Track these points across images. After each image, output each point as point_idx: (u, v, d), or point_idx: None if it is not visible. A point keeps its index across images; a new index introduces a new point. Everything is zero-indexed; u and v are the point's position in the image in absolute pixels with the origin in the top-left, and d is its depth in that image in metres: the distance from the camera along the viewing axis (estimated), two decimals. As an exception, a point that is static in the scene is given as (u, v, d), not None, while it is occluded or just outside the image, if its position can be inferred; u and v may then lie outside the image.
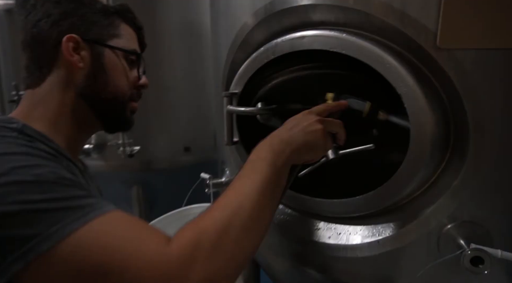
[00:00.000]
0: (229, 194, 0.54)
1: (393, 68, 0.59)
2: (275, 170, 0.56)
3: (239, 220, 0.50)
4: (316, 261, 0.77)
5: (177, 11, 1.54)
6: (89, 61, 0.65)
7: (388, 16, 0.59)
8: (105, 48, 0.67)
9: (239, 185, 0.55)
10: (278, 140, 0.61)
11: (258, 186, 0.53)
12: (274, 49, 0.74)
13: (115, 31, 0.69)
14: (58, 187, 0.46)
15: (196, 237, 0.47)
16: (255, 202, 0.52)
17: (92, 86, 0.65)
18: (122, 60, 0.69)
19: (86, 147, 1.47)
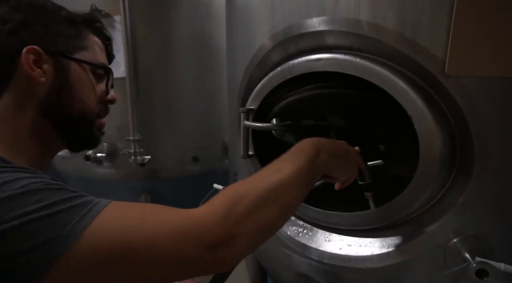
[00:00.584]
0: (270, 170, 0.56)
1: (404, 91, 0.64)
2: (313, 166, 0.59)
3: (275, 195, 0.52)
4: (326, 271, 0.81)
5: (188, 24, 1.60)
6: (52, 76, 0.59)
7: (400, 44, 0.63)
8: (71, 61, 0.61)
9: (280, 165, 0.56)
10: (323, 144, 0.64)
11: (296, 173, 0.55)
12: (291, 69, 0.79)
13: (82, 42, 0.64)
14: (50, 192, 0.44)
15: (232, 198, 0.48)
16: (292, 186, 0.54)
17: (55, 103, 0.60)
18: (89, 74, 0.64)
19: (98, 155, 1.51)
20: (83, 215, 0.43)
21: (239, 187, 0.52)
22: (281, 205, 0.53)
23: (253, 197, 0.50)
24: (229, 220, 0.47)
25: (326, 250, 0.79)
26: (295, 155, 0.60)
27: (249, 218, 0.48)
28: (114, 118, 1.55)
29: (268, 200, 0.51)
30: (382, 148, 0.87)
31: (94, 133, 0.67)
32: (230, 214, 0.47)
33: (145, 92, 1.53)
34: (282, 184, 0.53)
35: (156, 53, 1.54)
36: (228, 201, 0.48)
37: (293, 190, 0.55)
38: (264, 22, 0.84)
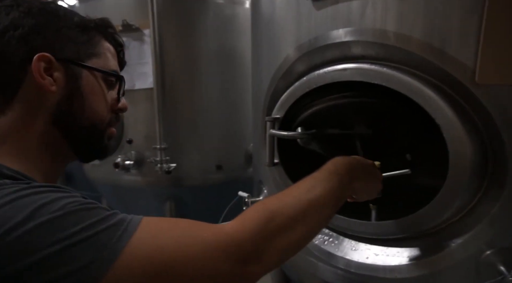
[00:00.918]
0: (301, 189, 0.57)
1: (432, 100, 0.64)
2: (343, 190, 0.62)
3: (304, 216, 0.54)
4: (353, 280, 0.80)
5: (213, 36, 1.64)
6: (63, 84, 0.57)
7: (427, 54, 0.64)
8: (83, 69, 0.59)
9: (312, 185, 0.58)
10: (355, 167, 0.67)
11: (327, 195, 0.58)
12: (316, 79, 0.80)
13: (94, 49, 0.61)
14: (87, 212, 0.44)
15: (264, 216, 0.50)
16: (321, 208, 0.57)
17: (66, 112, 0.57)
18: (101, 82, 0.62)
19: (127, 163, 1.57)
20: (120, 235, 0.43)
21: (271, 205, 0.53)
22: (310, 225, 0.55)
23: (284, 216, 0.52)
24: (261, 237, 0.49)
25: (353, 259, 0.79)
26: (328, 175, 0.62)
27: (279, 236, 0.51)
28: (142, 128, 1.61)
29: (298, 221, 0.53)
30: (409, 157, 0.87)
31: (104, 143, 0.64)
32: (262, 231, 0.49)
33: (171, 102, 1.58)
34: (313, 206, 0.56)
35: (183, 65, 1.59)
36: (260, 218, 0.50)
37: (322, 212, 0.57)
38: (289, 34, 0.86)
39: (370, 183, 0.71)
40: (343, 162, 0.66)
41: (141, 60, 1.54)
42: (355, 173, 0.66)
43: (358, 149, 0.88)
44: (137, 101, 1.60)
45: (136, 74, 1.56)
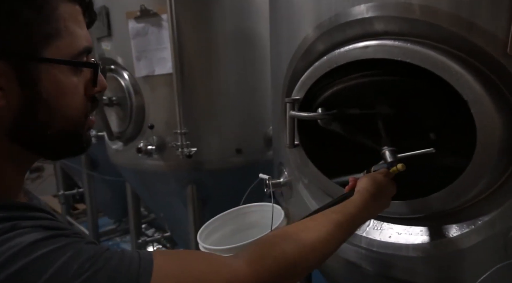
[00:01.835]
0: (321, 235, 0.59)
1: (459, 75, 0.62)
2: (353, 227, 0.68)
3: (322, 259, 0.60)
4: (375, 258, 0.80)
5: (231, 18, 1.63)
6: (16, 93, 0.42)
7: (455, 26, 0.61)
8: (40, 64, 0.42)
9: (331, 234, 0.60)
10: (370, 211, 0.70)
11: (341, 243, 0.64)
12: (337, 58, 0.79)
13: (51, 25, 0.43)
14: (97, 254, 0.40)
15: (283, 266, 0.52)
16: (333, 247, 0.62)
17: (28, 127, 0.45)
18: (69, 75, 0.46)
19: (149, 148, 1.61)
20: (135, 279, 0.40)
21: (289, 250, 0.55)
22: (322, 262, 0.61)
23: (301, 268, 0.56)
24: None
25: (375, 238, 0.79)
26: (351, 226, 0.66)
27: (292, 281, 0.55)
28: (162, 113, 1.64)
29: (314, 266, 0.59)
30: (433, 136, 0.85)
31: (83, 141, 0.51)
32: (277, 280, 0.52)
33: (190, 87, 1.59)
34: (327, 254, 0.60)
35: (201, 49, 1.59)
36: (278, 268, 0.52)
37: (327, 258, 0.62)
38: (309, 12, 0.84)
39: (383, 208, 0.74)
40: (359, 204, 0.68)
41: (159, 46, 1.55)
42: (370, 211, 0.70)
43: (380, 128, 0.87)
44: (157, 87, 1.62)
45: (155, 60, 1.57)
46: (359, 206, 0.67)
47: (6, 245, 0.36)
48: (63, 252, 0.38)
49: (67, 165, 2.87)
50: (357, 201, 0.68)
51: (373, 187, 0.71)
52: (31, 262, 0.36)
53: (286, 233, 0.59)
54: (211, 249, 1.03)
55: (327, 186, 0.90)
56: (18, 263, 0.36)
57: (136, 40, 1.57)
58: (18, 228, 0.38)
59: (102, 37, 1.71)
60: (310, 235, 0.58)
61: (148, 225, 3.27)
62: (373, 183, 0.72)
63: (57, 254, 0.37)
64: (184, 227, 1.87)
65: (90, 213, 2.71)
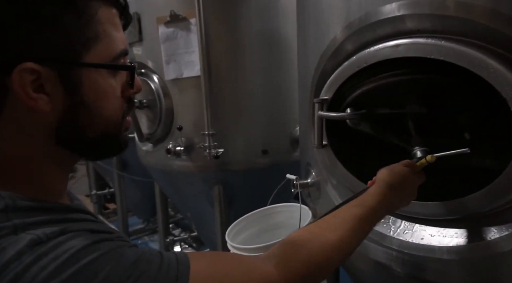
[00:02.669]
0: (344, 233, 0.59)
1: (498, 72, 0.60)
2: (375, 219, 0.66)
3: (342, 258, 0.60)
4: (407, 260, 0.79)
5: (257, 20, 1.64)
6: (61, 98, 0.44)
7: (493, 21, 0.60)
8: (82, 68, 0.44)
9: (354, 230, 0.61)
10: (390, 202, 0.68)
11: (363, 237, 0.64)
12: (366, 58, 0.78)
13: (90, 29, 0.44)
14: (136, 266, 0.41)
15: (311, 269, 0.54)
16: (353, 249, 0.62)
17: (71, 129, 0.46)
18: (108, 78, 0.47)
19: (177, 149, 1.65)
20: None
21: (315, 251, 0.56)
22: (346, 259, 0.61)
23: (329, 268, 0.57)
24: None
25: (407, 240, 0.78)
26: (372, 219, 0.65)
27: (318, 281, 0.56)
28: (190, 115, 1.68)
29: (339, 263, 0.61)
30: (467, 136, 0.82)
31: (121, 141, 0.53)
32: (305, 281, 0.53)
33: (217, 89, 1.62)
34: (350, 251, 0.61)
35: (228, 51, 1.62)
36: (306, 270, 0.54)
37: (355, 246, 0.62)
38: (338, 12, 0.84)
39: (405, 203, 0.72)
40: (377, 196, 0.67)
41: (188, 49, 1.59)
42: (390, 202, 0.68)
43: (411, 128, 0.85)
44: (185, 89, 1.67)
45: (183, 63, 1.62)
46: (377, 197, 0.66)
47: (60, 249, 0.38)
48: (109, 257, 0.40)
49: (99, 166, 2.99)
50: (374, 193, 0.67)
51: (390, 176, 0.69)
52: (82, 268, 0.37)
53: (311, 233, 0.60)
54: (239, 248, 1.05)
55: (356, 186, 0.89)
56: (71, 268, 0.37)
57: (165, 44, 1.62)
58: (67, 231, 0.40)
59: (134, 42, 1.78)
60: (335, 234, 0.59)
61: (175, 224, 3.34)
62: (390, 172, 0.70)
63: (105, 260, 0.39)
64: (211, 227, 1.90)
65: (120, 213, 2.81)
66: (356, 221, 0.61)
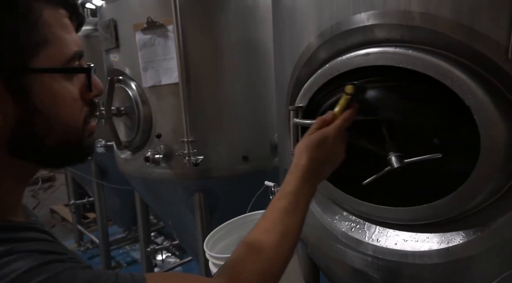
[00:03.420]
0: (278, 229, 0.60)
1: (461, 81, 0.62)
2: (308, 207, 0.66)
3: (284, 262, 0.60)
4: (382, 266, 0.80)
5: (235, 28, 1.65)
6: (10, 107, 0.41)
7: (456, 33, 0.61)
8: (32, 76, 0.42)
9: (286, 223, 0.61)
10: (315, 178, 0.68)
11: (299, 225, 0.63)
12: (339, 66, 0.80)
13: (39, 32, 0.42)
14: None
15: (258, 280, 0.55)
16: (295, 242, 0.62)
17: (26, 138, 0.44)
18: (62, 82, 0.45)
19: (156, 157, 1.63)
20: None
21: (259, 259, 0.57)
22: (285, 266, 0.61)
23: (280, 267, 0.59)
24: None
25: (381, 245, 0.79)
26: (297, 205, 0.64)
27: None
28: (169, 122, 1.66)
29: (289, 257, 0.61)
30: (437, 141, 0.84)
31: (84, 147, 0.50)
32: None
33: (197, 96, 1.61)
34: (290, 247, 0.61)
35: (206, 59, 1.62)
36: (255, 279, 0.55)
37: (295, 247, 0.63)
38: (311, 21, 0.85)
39: (328, 165, 0.72)
40: (302, 178, 0.66)
41: (166, 56, 1.58)
42: (317, 175, 0.68)
43: (385, 134, 0.87)
44: (164, 96, 1.65)
45: (161, 70, 1.60)
46: (295, 182, 0.65)
47: (4, 270, 0.36)
48: (59, 280, 0.38)
49: (77, 175, 2.91)
50: (291, 177, 0.66)
51: (308, 151, 0.67)
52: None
53: (251, 242, 0.60)
54: (217, 257, 1.04)
55: (332, 193, 0.90)
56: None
57: (143, 51, 1.60)
58: (14, 252, 0.38)
59: (110, 48, 1.75)
60: (270, 236, 0.59)
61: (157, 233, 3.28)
62: (306, 147, 0.68)
63: (53, 282, 0.38)
64: (193, 235, 1.88)
65: (100, 222, 2.74)
66: (284, 214, 0.61)
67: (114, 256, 2.99)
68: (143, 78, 1.63)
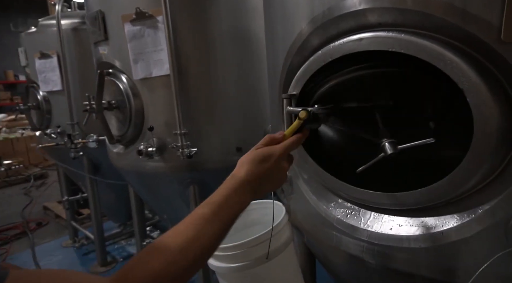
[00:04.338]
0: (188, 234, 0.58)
1: (454, 63, 0.62)
2: (234, 219, 0.65)
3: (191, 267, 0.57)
4: (377, 251, 0.80)
5: (227, 18, 1.63)
6: None
7: (448, 15, 0.61)
8: None
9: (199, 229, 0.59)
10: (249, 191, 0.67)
11: (216, 235, 0.61)
12: (331, 52, 0.79)
13: None
14: None
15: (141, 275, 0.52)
16: (208, 250, 0.61)
17: None
18: None
19: (149, 150, 1.61)
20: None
21: (154, 260, 0.54)
22: (195, 272, 0.59)
23: (177, 273, 0.55)
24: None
25: (376, 231, 0.79)
26: (218, 213, 0.62)
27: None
28: (161, 114, 1.64)
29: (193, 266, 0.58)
30: (432, 125, 0.84)
31: None
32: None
33: (189, 87, 1.60)
34: (201, 254, 0.58)
35: (198, 49, 1.60)
36: (143, 280, 0.52)
37: (209, 255, 0.61)
38: (303, 7, 0.84)
39: (269, 182, 0.70)
40: (232, 189, 0.65)
41: (156, 48, 1.55)
42: (250, 188, 0.67)
43: (379, 121, 0.86)
44: (155, 89, 1.63)
45: (152, 62, 1.58)
46: (224, 192, 0.65)
47: None
48: None
49: (70, 171, 2.88)
50: (224, 188, 0.66)
51: (249, 164, 0.68)
52: None
53: (154, 244, 0.59)
54: (213, 248, 1.03)
55: (327, 180, 0.90)
56: None
57: (132, 43, 1.58)
58: None
59: (99, 41, 1.72)
60: (177, 239, 0.57)
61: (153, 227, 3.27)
62: (248, 160, 0.69)
63: None
64: (188, 228, 1.87)
65: (94, 218, 2.72)
66: (200, 220, 0.60)
67: (110, 251, 2.98)
68: (133, 70, 1.61)
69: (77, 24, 2.41)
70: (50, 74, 2.45)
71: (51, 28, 2.42)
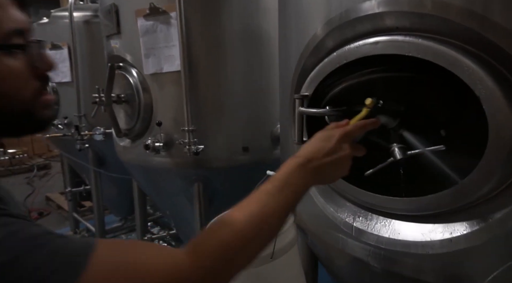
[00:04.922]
0: (253, 208, 0.58)
1: (471, 70, 0.62)
2: (298, 199, 0.63)
3: (259, 241, 0.57)
4: (383, 256, 0.80)
5: (239, 16, 1.63)
6: None
7: (468, 21, 0.61)
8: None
9: (266, 205, 0.59)
10: (310, 170, 0.65)
11: (282, 213, 0.60)
12: (346, 55, 0.79)
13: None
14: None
15: (220, 253, 0.52)
16: (275, 228, 0.59)
17: None
18: (3, 59, 0.48)
19: (156, 145, 1.62)
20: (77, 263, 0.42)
21: (224, 233, 0.54)
22: (262, 245, 0.58)
23: (246, 246, 0.55)
24: (215, 275, 0.52)
25: (384, 235, 0.79)
26: (282, 189, 0.61)
27: (232, 269, 0.54)
28: (170, 110, 1.65)
29: (252, 248, 0.56)
30: (443, 133, 0.84)
31: (38, 119, 0.55)
32: (217, 270, 0.52)
33: (198, 84, 1.60)
34: (266, 228, 0.58)
35: (209, 46, 1.60)
36: (216, 255, 0.52)
37: (275, 228, 0.60)
38: (319, 9, 0.84)
39: (332, 169, 0.68)
40: (295, 168, 0.64)
41: (168, 43, 1.56)
42: (310, 173, 0.65)
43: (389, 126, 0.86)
44: (165, 84, 1.63)
45: (163, 57, 1.58)
46: (288, 170, 0.63)
47: None
48: (8, 230, 0.40)
49: (74, 162, 2.89)
50: (286, 165, 0.65)
51: (311, 143, 0.68)
52: None
53: (220, 217, 0.59)
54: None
55: (336, 183, 0.89)
56: None
57: (145, 38, 1.58)
58: None
59: (112, 34, 1.73)
60: (243, 212, 0.57)
61: (153, 223, 3.28)
62: (311, 140, 0.69)
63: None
64: (190, 225, 1.87)
65: (96, 210, 2.73)
66: (264, 195, 0.60)
67: (110, 245, 2.99)
68: (144, 65, 1.61)
69: (89, 17, 2.42)
70: (60, 66, 2.47)
71: (63, 20, 2.44)
